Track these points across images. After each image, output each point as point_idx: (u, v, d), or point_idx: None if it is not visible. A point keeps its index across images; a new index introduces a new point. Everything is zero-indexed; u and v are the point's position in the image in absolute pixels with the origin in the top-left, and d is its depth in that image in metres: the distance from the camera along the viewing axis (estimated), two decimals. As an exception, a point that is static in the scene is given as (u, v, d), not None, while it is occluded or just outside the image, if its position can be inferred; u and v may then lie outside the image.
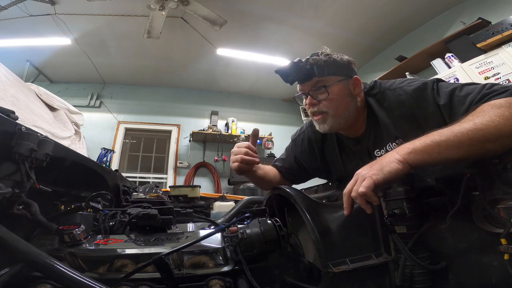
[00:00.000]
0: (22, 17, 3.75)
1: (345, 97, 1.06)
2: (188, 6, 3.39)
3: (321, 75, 1.04)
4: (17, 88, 2.20)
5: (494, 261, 0.62)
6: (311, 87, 1.07)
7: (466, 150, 0.66)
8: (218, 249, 0.71)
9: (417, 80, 1.01)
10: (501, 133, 0.65)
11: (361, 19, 4.09)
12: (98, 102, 5.51)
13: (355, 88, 1.08)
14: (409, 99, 0.98)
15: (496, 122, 0.66)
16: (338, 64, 1.07)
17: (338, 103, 1.05)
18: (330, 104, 1.05)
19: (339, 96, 1.05)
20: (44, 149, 0.73)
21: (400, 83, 1.05)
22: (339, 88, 1.05)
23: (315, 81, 1.05)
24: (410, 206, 0.74)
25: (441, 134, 0.69)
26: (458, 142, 0.66)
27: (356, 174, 0.72)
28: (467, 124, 0.68)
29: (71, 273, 0.46)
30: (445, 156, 0.67)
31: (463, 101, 0.86)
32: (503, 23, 2.79)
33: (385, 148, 1.05)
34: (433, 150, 0.67)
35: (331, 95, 1.04)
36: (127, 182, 1.65)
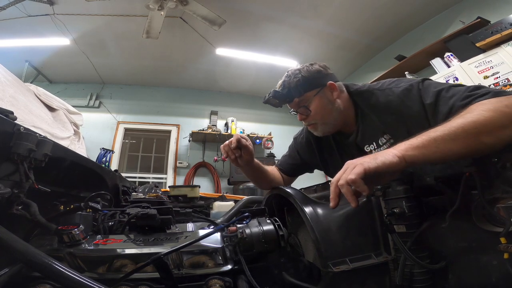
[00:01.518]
0: (21, 17, 3.75)
1: (326, 106, 1.15)
2: (187, 6, 3.38)
3: (298, 95, 1.16)
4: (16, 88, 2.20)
5: (493, 260, 0.62)
6: (295, 106, 1.19)
7: (462, 142, 0.66)
8: (217, 248, 0.71)
9: (404, 81, 1.06)
10: (493, 125, 0.66)
11: (360, 19, 4.09)
12: (97, 102, 5.50)
13: (332, 93, 1.16)
14: (396, 99, 1.03)
15: (486, 115, 0.67)
16: (309, 79, 1.15)
17: (322, 113, 1.16)
18: (315, 116, 1.17)
19: (320, 108, 1.15)
20: (43, 150, 0.73)
21: (389, 84, 1.10)
22: (317, 101, 1.15)
23: (296, 101, 1.17)
24: (409, 205, 0.74)
25: (436, 130, 0.69)
26: (454, 135, 0.66)
27: (346, 164, 0.70)
28: (459, 120, 0.69)
29: (70, 273, 0.46)
30: (443, 151, 0.66)
31: (447, 102, 0.89)
32: (502, 22, 2.79)
33: (374, 143, 1.11)
34: (430, 145, 0.67)
35: (313, 110, 1.16)
36: (126, 182, 1.65)
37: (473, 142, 0.66)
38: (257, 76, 5.35)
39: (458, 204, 0.67)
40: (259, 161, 1.32)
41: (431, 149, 0.66)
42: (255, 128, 5.79)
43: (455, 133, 0.66)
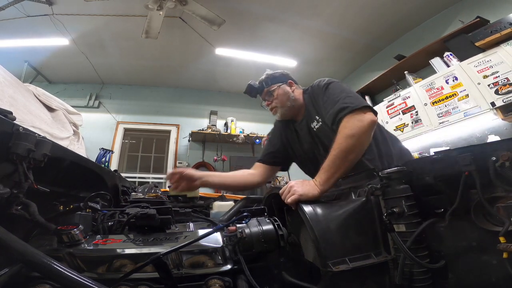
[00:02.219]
0: (20, 17, 3.74)
1: (285, 94, 1.57)
2: (186, 6, 3.38)
3: (267, 86, 1.60)
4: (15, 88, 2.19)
5: (493, 259, 0.62)
6: (265, 95, 1.62)
7: (343, 166, 1.07)
8: (217, 248, 0.71)
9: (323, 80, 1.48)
10: (349, 150, 1.09)
11: (359, 18, 4.09)
12: (96, 103, 5.50)
13: (290, 86, 1.61)
14: (314, 92, 1.50)
15: (344, 143, 1.10)
16: (276, 76, 1.62)
17: (282, 99, 1.56)
18: (277, 101, 1.57)
19: (281, 95, 1.57)
20: (42, 150, 0.73)
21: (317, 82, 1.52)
22: (280, 90, 1.58)
23: (265, 91, 1.61)
24: (409, 205, 0.74)
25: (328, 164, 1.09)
26: (336, 165, 1.07)
27: (290, 186, 0.98)
28: (334, 152, 1.10)
29: (70, 273, 0.46)
30: (336, 177, 1.06)
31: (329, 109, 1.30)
32: (502, 21, 2.79)
33: (315, 121, 1.46)
34: (330, 177, 1.05)
35: (276, 96, 1.57)
36: (126, 182, 1.64)
37: (348, 162, 1.09)
38: (256, 76, 5.23)
39: (457, 204, 0.67)
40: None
41: (330, 179, 1.05)
42: (254, 128, 5.79)
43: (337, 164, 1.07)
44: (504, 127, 2.95)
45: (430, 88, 3.45)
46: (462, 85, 3.12)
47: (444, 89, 3.29)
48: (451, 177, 0.69)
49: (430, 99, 3.42)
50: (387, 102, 4.03)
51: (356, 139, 1.10)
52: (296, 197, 0.91)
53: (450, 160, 0.70)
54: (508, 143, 0.62)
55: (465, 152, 0.67)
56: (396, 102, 3.89)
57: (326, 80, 1.46)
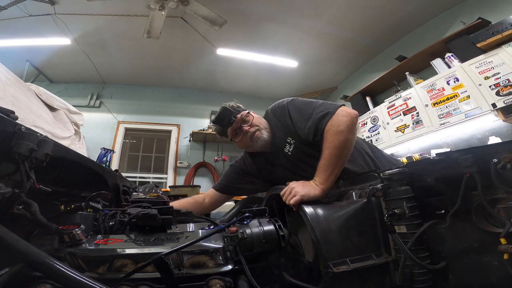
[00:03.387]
0: (22, 17, 3.75)
1: (259, 118, 1.48)
2: (188, 6, 3.38)
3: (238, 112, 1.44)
4: (17, 88, 2.20)
5: (493, 260, 0.62)
6: (239, 121, 1.42)
7: (340, 162, 1.10)
8: (218, 249, 0.71)
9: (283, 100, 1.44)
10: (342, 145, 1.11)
11: (361, 19, 4.09)
12: (98, 102, 5.51)
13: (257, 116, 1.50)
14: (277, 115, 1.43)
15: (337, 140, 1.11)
16: (240, 107, 1.50)
17: (260, 121, 1.45)
18: (257, 123, 1.43)
19: (257, 119, 1.45)
20: (44, 149, 0.73)
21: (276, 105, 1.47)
22: (252, 115, 1.45)
23: (239, 117, 1.42)
24: (410, 206, 0.74)
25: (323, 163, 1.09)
26: (333, 163, 1.08)
27: (291, 187, 0.98)
28: (328, 150, 1.11)
29: (71, 273, 0.46)
30: (335, 173, 1.08)
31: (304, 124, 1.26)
32: (503, 23, 2.79)
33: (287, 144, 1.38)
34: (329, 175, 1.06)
35: (254, 120, 1.43)
36: (127, 182, 1.65)
37: (343, 159, 1.11)
38: (257, 76, 5.35)
39: (458, 205, 0.67)
40: None
41: (330, 177, 1.06)
42: (255, 128, 5.79)
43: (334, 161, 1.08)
44: (505, 129, 2.95)
45: (431, 89, 3.44)
46: (463, 86, 3.11)
47: (445, 90, 3.28)
48: (452, 179, 0.69)
49: (431, 100, 3.42)
50: (388, 103, 4.02)
51: (346, 133, 1.12)
52: (298, 198, 0.91)
53: (452, 162, 0.70)
54: (510, 145, 0.62)
55: (466, 153, 0.67)
56: (397, 103, 3.88)
57: (286, 100, 1.43)
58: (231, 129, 1.43)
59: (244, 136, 1.42)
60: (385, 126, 3.99)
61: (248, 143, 1.43)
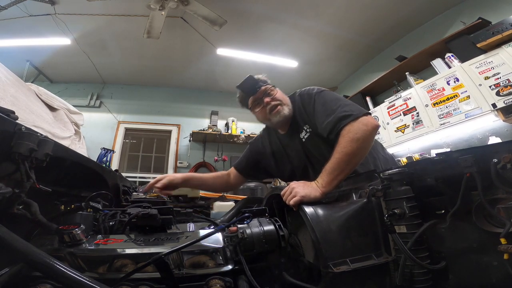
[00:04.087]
0: (22, 17, 3.75)
1: (283, 94, 1.48)
2: (188, 6, 3.38)
3: (264, 84, 1.45)
4: (17, 88, 2.20)
5: (494, 260, 0.62)
6: (262, 93, 1.44)
7: (347, 168, 1.07)
8: (218, 249, 0.71)
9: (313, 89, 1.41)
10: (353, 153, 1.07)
11: (361, 19, 4.09)
12: (98, 102, 5.51)
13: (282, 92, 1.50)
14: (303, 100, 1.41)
15: (349, 147, 1.07)
16: (267, 81, 1.48)
17: (283, 97, 1.45)
18: (280, 98, 1.43)
19: (280, 94, 1.46)
20: (44, 149, 0.73)
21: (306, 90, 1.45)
22: (277, 90, 1.47)
23: (263, 89, 1.44)
24: (410, 206, 0.74)
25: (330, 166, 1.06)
26: (339, 168, 1.05)
27: (291, 187, 0.98)
28: (338, 155, 1.08)
29: (71, 272, 0.46)
30: (339, 179, 1.05)
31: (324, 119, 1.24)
32: (503, 23, 2.79)
33: (303, 131, 1.40)
34: (333, 179, 1.04)
35: (277, 95, 1.44)
36: (127, 182, 1.65)
37: (352, 164, 1.08)
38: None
39: (458, 205, 0.67)
40: None
41: (333, 182, 1.04)
42: (255, 128, 5.78)
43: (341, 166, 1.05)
44: (505, 129, 2.95)
45: (431, 89, 3.44)
46: (463, 87, 3.11)
47: (445, 90, 3.28)
48: (452, 179, 0.69)
49: (431, 100, 3.42)
50: (388, 103, 4.02)
51: (361, 143, 1.09)
52: (298, 198, 0.91)
53: (452, 162, 0.70)
54: (510, 145, 0.62)
55: (466, 153, 0.66)
56: (397, 103, 3.88)
57: (316, 89, 1.39)
58: (253, 98, 1.46)
59: (264, 108, 1.43)
60: (385, 126, 3.99)
61: (267, 115, 1.44)
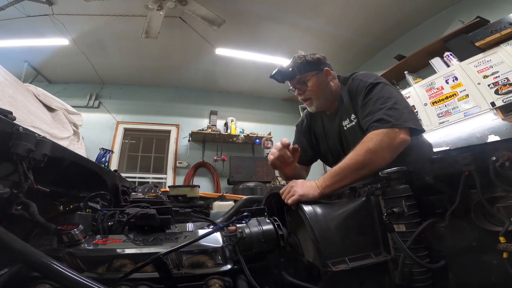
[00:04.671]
0: (20, 17, 3.74)
1: (320, 85, 1.41)
2: (186, 6, 3.38)
3: (300, 73, 1.40)
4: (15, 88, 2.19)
5: (493, 259, 0.62)
6: (296, 82, 1.43)
7: (350, 178, 1.02)
8: (217, 248, 0.71)
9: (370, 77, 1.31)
10: (364, 166, 1.01)
11: (360, 18, 4.09)
12: (97, 103, 5.49)
13: (327, 77, 1.43)
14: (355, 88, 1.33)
15: (362, 156, 1.02)
16: (310, 63, 1.41)
17: (317, 90, 1.41)
18: (311, 92, 1.41)
19: (316, 86, 1.40)
20: (42, 150, 0.73)
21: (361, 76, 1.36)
22: (314, 79, 1.40)
23: (297, 78, 1.41)
24: (409, 205, 0.74)
25: (336, 170, 1.04)
26: (344, 174, 1.02)
27: (290, 186, 0.98)
28: (348, 161, 1.03)
29: (70, 273, 0.46)
30: (340, 185, 1.02)
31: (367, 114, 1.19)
32: (502, 21, 2.79)
33: (348, 119, 1.37)
34: (334, 184, 1.01)
35: (310, 87, 1.41)
36: (126, 182, 1.64)
37: (357, 175, 1.02)
38: (256, 76, 5.34)
39: (457, 203, 0.67)
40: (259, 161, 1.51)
41: (334, 185, 1.01)
42: (254, 128, 5.78)
43: (345, 172, 1.02)
44: (504, 127, 2.95)
45: (430, 88, 3.45)
46: (462, 85, 3.11)
47: (444, 89, 3.28)
48: (451, 177, 0.69)
49: (430, 99, 3.42)
50: (387, 102, 4.01)
51: (377, 156, 1.01)
52: (296, 197, 0.92)
53: (450, 160, 0.70)
54: (508, 143, 0.62)
55: (465, 152, 0.67)
56: (396, 102, 3.87)
57: (373, 79, 1.27)
58: (291, 84, 1.47)
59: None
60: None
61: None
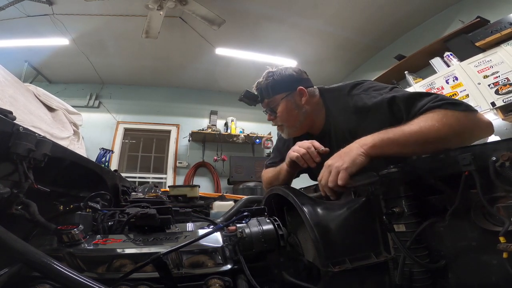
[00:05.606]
0: (20, 17, 3.74)
1: (292, 111, 1.21)
2: (186, 6, 3.38)
3: (268, 97, 1.23)
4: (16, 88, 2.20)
5: (493, 259, 0.62)
6: (265, 107, 1.26)
7: (411, 149, 0.81)
8: (217, 248, 0.71)
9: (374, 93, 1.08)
10: (438, 138, 0.79)
11: (360, 18, 4.09)
12: (97, 103, 5.50)
13: (301, 98, 1.21)
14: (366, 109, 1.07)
15: (436, 128, 0.79)
16: (280, 83, 1.21)
17: (287, 117, 1.22)
18: (281, 119, 1.23)
19: (285, 112, 1.21)
20: (42, 149, 0.73)
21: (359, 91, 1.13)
22: (284, 104, 1.20)
23: (266, 102, 1.24)
24: (409, 205, 0.74)
25: (395, 133, 0.82)
26: (406, 141, 0.80)
27: (328, 166, 0.82)
28: (414, 127, 0.82)
29: (70, 273, 0.46)
30: (395, 152, 0.81)
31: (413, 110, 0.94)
32: (502, 21, 2.79)
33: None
34: (387, 146, 0.81)
35: (279, 113, 1.21)
36: (126, 182, 1.64)
37: (419, 148, 0.81)
38: (256, 76, 5.22)
39: (457, 203, 0.67)
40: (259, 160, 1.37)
41: (387, 150, 0.81)
42: (254, 128, 5.79)
43: (407, 140, 0.80)
44: (504, 127, 2.95)
45: (430, 88, 3.44)
46: (462, 85, 3.12)
47: (444, 89, 3.28)
48: (451, 177, 0.69)
49: (430, 99, 3.42)
50: (387, 102, 4.02)
51: (455, 135, 0.81)
52: (345, 174, 0.77)
53: (450, 160, 0.70)
54: (508, 143, 0.62)
55: (465, 152, 0.66)
56: (396, 102, 3.87)
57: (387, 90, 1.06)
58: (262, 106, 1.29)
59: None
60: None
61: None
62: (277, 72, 1.24)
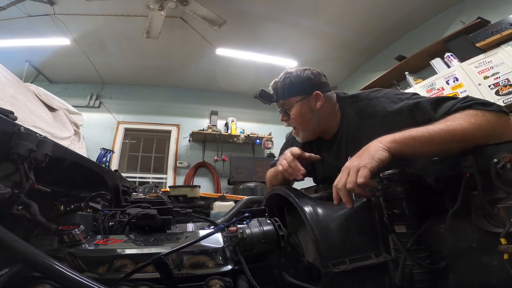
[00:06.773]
0: (21, 17, 3.75)
1: (306, 114, 1.18)
2: (187, 6, 3.38)
3: (283, 98, 1.20)
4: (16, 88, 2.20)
5: (494, 260, 0.61)
6: (280, 107, 1.23)
7: (436, 147, 0.76)
8: (217, 249, 0.71)
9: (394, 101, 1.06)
10: (465, 137, 0.74)
11: (360, 19, 4.09)
12: (97, 102, 5.50)
13: (316, 102, 1.18)
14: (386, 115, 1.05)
15: (463, 126, 0.76)
16: (296, 85, 1.18)
17: (301, 121, 1.20)
18: (295, 121, 1.21)
19: (299, 115, 1.18)
20: (43, 150, 0.73)
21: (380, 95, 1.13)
22: (298, 107, 1.18)
23: (280, 103, 1.22)
24: (409, 206, 0.74)
25: (418, 131, 0.78)
26: (431, 139, 0.75)
27: (346, 168, 0.77)
28: (440, 125, 0.78)
29: (70, 273, 0.46)
30: (419, 151, 0.77)
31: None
32: (502, 22, 2.79)
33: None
34: (409, 143, 0.77)
35: (293, 116, 1.19)
36: (126, 182, 1.64)
37: (444, 148, 0.76)
38: (257, 76, 5.33)
39: (458, 205, 0.67)
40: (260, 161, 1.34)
41: (409, 147, 0.77)
42: (255, 128, 5.79)
43: (432, 138, 0.75)
44: (504, 128, 2.94)
45: (431, 88, 3.44)
46: (462, 86, 3.11)
47: (445, 89, 3.28)
48: (452, 179, 0.69)
49: (431, 99, 3.42)
50: (387, 103, 4.01)
51: (484, 136, 0.76)
52: (366, 171, 0.70)
53: (451, 161, 0.70)
54: (510, 144, 0.62)
55: (466, 153, 0.67)
56: (396, 103, 3.87)
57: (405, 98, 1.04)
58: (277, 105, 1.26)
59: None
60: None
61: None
62: (294, 74, 1.20)
